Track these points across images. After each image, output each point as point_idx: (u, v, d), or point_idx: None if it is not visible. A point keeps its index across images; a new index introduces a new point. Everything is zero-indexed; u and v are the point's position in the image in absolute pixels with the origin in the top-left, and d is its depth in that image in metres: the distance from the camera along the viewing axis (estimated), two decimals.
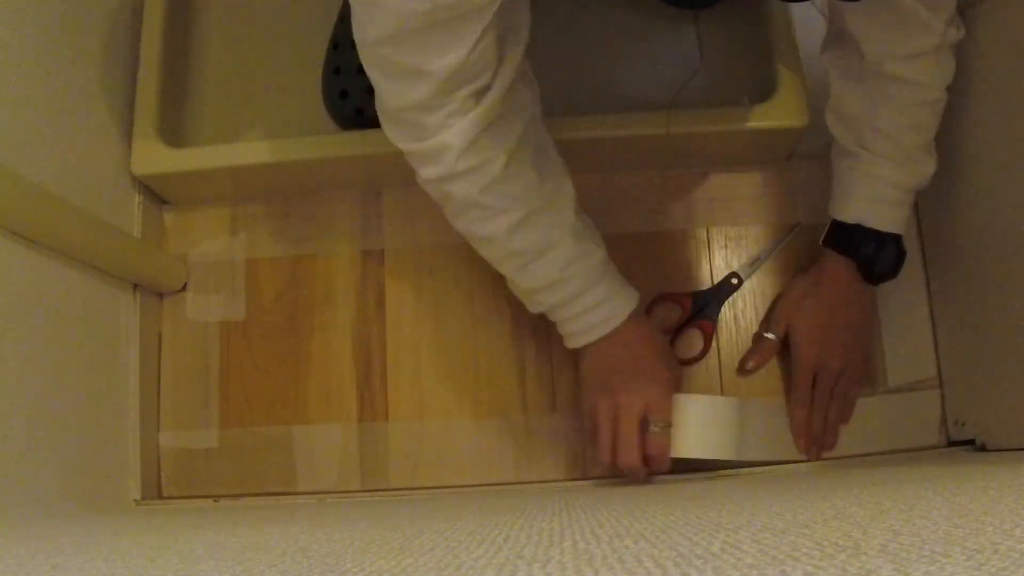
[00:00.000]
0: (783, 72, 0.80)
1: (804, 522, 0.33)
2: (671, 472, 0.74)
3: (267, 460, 0.83)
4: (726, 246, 0.86)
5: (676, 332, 0.84)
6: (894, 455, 0.80)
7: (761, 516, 0.37)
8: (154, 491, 0.82)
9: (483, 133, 0.59)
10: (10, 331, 0.63)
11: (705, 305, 0.84)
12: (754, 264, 0.85)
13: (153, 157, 0.82)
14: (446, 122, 0.58)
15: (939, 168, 0.73)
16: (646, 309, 0.84)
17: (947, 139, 0.77)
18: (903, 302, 0.83)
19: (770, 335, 0.81)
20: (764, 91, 0.81)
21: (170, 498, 0.82)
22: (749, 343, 0.84)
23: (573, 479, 0.82)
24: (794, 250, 0.85)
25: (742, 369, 0.82)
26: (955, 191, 0.77)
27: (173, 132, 0.86)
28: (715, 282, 0.85)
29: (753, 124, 0.80)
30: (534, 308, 0.73)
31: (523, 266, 0.68)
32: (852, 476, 0.65)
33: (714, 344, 0.84)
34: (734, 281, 0.85)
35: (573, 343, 0.73)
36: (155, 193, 0.87)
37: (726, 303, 0.85)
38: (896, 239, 0.75)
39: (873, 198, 0.73)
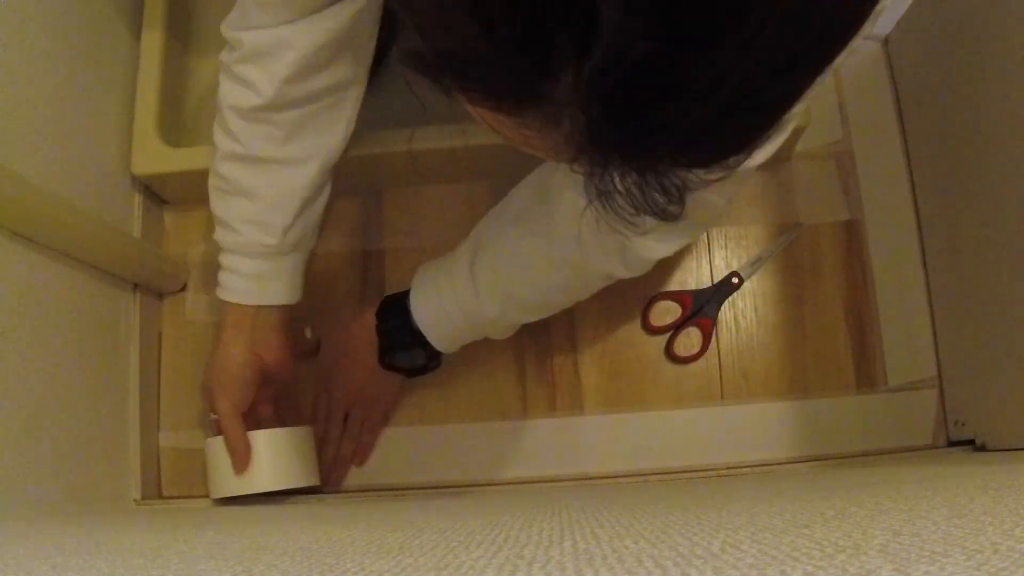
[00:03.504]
0: None
1: (804, 522, 0.33)
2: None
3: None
4: (726, 246, 0.86)
5: (676, 330, 0.84)
6: (894, 455, 0.81)
7: (761, 516, 0.37)
8: (154, 491, 0.82)
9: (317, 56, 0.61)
10: (10, 331, 0.63)
11: (705, 304, 0.84)
12: (755, 264, 0.85)
13: (153, 157, 0.82)
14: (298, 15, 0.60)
15: (941, 169, 0.73)
16: (645, 307, 0.84)
17: (948, 139, 0.77)
18: (903, 302, 0.83)
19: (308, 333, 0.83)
20: None
21: (170, 498, 0.82)
22: (749, 343, 0.84)
23: (573, 479, 0.82)
24: (794, 250, 0.86)
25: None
26: (956, 191, 0.77)
27: (173, 132, 0.86)
28: (715, 281, 0.85)
29: None
30: (215, 235, 0.72)
31: (221, 191, 0.69)
32: (852, 476, 0.65)
33: (714, 343, 0.84)
34: (735, 280, 0.85)
35: (219, 294, 0.72)
36: (155, 193, 0.87)
37: (726, 302, 0.85)
38: (431, 354, 0.74)
39: (441, 310, 0.71)
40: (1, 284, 0.62)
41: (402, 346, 0.74)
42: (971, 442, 0.77)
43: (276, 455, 0.74)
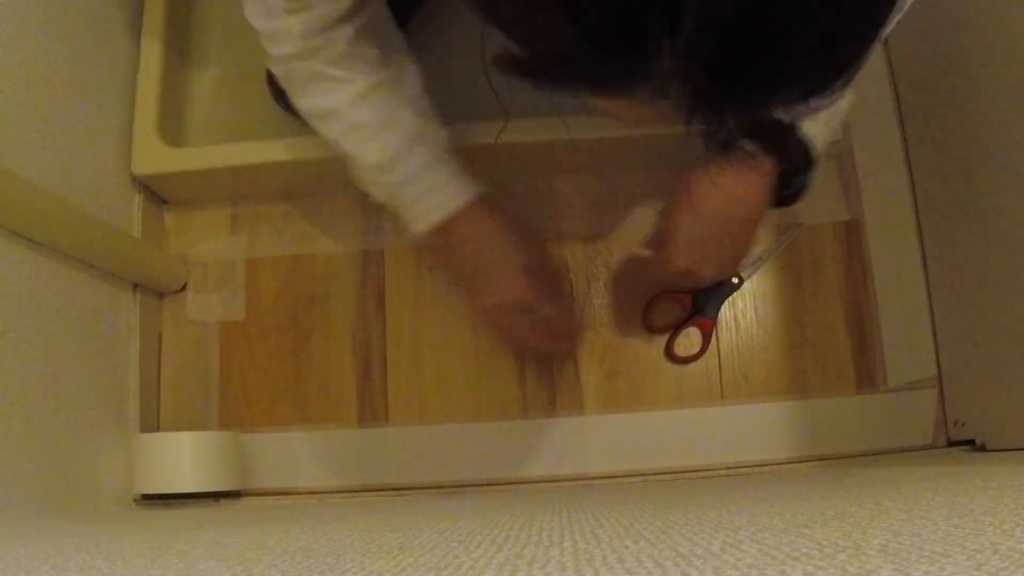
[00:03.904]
0: None
1: (804, 522, 0.33)
2: None
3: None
4: None
5: (676, 330, 0.84)
6: (894, 455, 0.81)
7: (761, 516, 0.37)
8: None
9: (328, 23, 0.61)
10: (10, 331, 0.63)
11: (705, 304, 0.84)
12: (755, 264, 0.85)
13: (153, 157, 0.82)
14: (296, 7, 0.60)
15: (940, 168, 0.73)
16: (645, 307, 0.84)
17: (950, 139, 0.77)
18: (903, 302, 0.83)
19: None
20: None
21: (171, 497, 0.82)
22: (749, 343, 0.84)
23: (573, 479, 0.82)
24: (794, 250, 0.85)
25: None
26: (956, 191, 0.77)
27: (173, 132, 0.86)
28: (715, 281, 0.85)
29: None
30: (377, 191, 0.70)
31: (365, 141, 0.67)
32: (852, 476, 0.65)
33: (714, 343, 0.84)
34: (735, 280, 0.85)
35: (417, 227, 0.70)
36: (155, 193, 0.87)
37: (726, 303, 0.85)
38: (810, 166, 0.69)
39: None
40: (1, 284, 0.62)
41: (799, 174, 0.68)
42: (971, 442, 0.77)
43: (205, 456, 0.77)
